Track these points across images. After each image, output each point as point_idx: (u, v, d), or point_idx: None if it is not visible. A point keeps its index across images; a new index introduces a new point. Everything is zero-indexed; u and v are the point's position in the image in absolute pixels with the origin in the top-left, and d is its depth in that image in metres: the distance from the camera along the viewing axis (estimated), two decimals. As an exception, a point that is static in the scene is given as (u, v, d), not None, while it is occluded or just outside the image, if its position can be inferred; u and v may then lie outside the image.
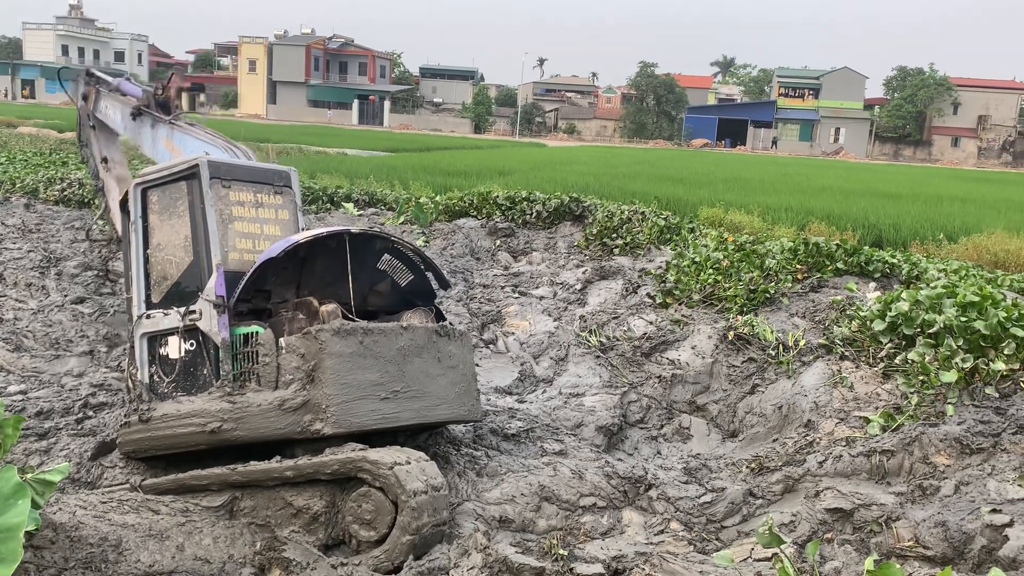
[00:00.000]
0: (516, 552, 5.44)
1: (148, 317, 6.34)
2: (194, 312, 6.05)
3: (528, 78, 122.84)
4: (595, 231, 14.76)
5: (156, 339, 6.34)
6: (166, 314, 6.25)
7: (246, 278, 6.05)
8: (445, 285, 7.16)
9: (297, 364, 5.69)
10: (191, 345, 6.13)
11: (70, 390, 7.93)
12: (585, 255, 14.33)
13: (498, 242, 15.57)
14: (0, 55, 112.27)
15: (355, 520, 5.42)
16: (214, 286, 5.95)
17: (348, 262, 6.51)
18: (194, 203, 6.25)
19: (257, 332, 5.91)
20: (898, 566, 4.24)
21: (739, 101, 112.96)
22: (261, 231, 6.62)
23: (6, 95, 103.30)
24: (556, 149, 62.07)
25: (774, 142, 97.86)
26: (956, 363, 7.20)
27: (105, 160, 9.94)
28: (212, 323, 5.94)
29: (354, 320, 6.12)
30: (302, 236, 6.23)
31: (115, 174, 9.99)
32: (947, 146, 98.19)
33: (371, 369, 5.80)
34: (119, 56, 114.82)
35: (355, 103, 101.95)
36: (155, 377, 6.31)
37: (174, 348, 6.22)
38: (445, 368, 6.32)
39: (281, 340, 5.82)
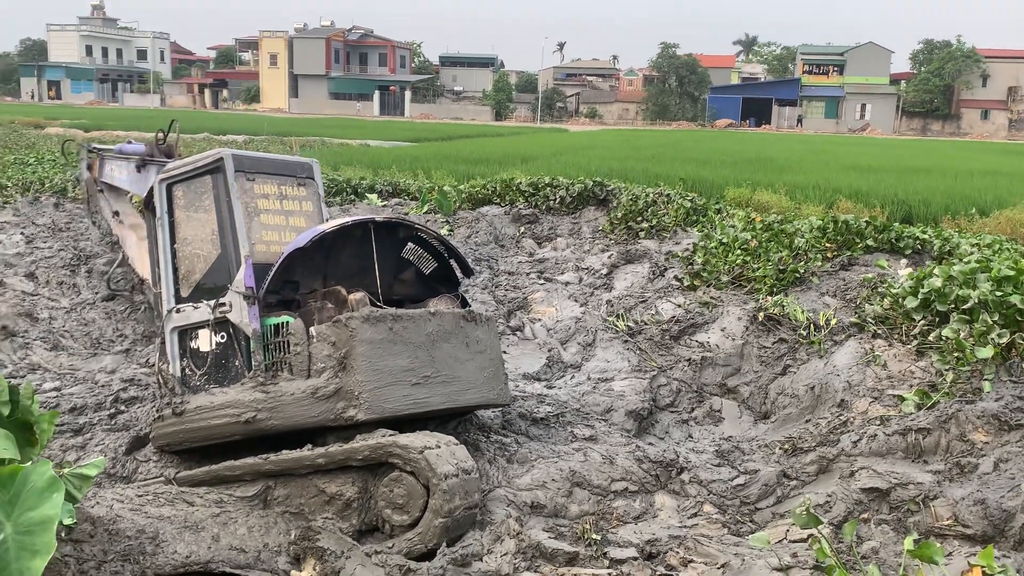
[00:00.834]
0: (549, 537, 5.44)
1: (178, 311, 6.39)
2: (224, 304, 6.09)
3: (548, 63, 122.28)
4: (620, 215, 14.68)
5: (187, 333, 6.39)
6: (196, 307, 6.29)
7: (274, 269, 6.08)
8: (468, 273, 7.16)
9: (328, 352, 5.73)
10: (221, 337, 6.17)
11: (102, 386, 8.03)
12: (610, 239, 14.26)
13: (522, 229, 15.53)
14: (26, 57, 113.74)
15: (388, 505, 5.45)
16: (243, 278, 6.00)
17: (374, 251, 6.53)
18: (219, 196, 6.28)
19: (288, 322, 5.95)
20: (938, 545, 4.17)
21: (763, 80, 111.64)
22: (286, 223, 6.65)
23: (32, 96, 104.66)
24: (578, 134, 61.80)
25: (799, 120, 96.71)
26: (992, 338, 7.07)
27: (116, 214, 10.20)
28: (243, 314, 5.98)
29: (383, 307, 6.13)
30: (328, 226, 6.25)
31: (128, 223, 10.25)
32: (976, 119, 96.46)
33: (401, 355, 5.83)
34: (141, 54, 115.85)
35: (376, 94, 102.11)
36: (186, 370, 6.36)
37: (205, 341, 6.27)
38: (473, 353, 6.34)
39: (312, 329, 5.86)
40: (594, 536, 5.53)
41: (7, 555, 2.92)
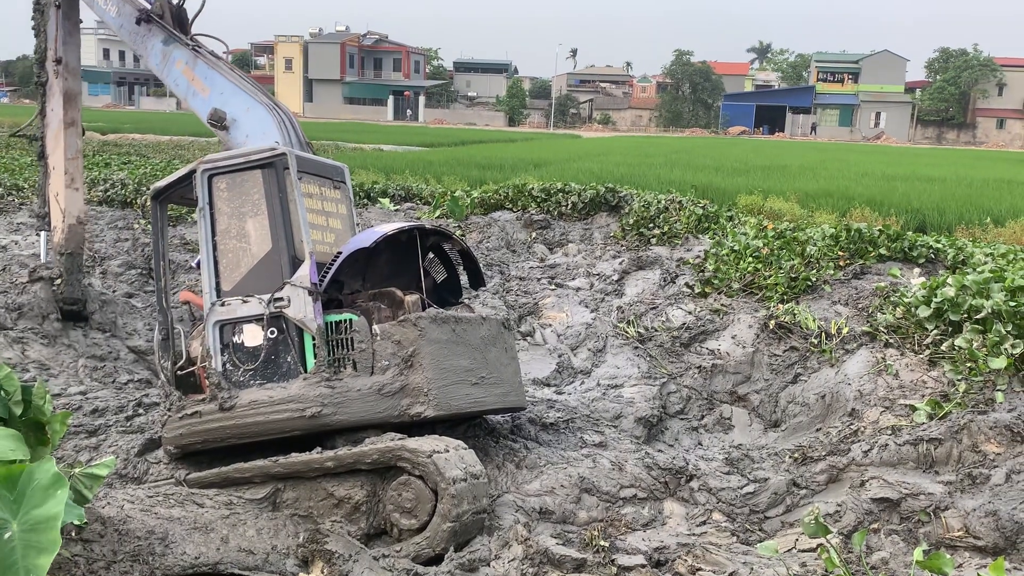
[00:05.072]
0: (557, 544, 5.43)
1: (223, 304, 6.18)
2: (282, 299, 6.00)
3: (562, 69, 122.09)
4: (632, 221, 14.66)
5: (228, 327, 6.19)
6: (245, 301, 6.12)
7: (333, 267, 6.11)
8: (479, 284, 7.26)
9: (393, 350, 5.84)
10: (272, 332, 6.06)
11: (127, 391, 8.08)
12: (622, 245, 14.24)
13: (534, 234, 15.54)
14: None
15: (396, 509, 5.47)
16: (308, 273, 5.94)
17: (419, 256, 6.71)
18: (272, 192, 6.13)
19: (351, 319, 5.97)
20: (948, 556, 4.15)
21: (776, 87, 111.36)
22: (326, 223, 6.64)
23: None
24: (591, 140, 61.81)
25: (813, 128, 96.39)
26: (1005, 349, 7.03)
27: (59, 61, 8.98)
28: (306, 310, 5.92)
29: (440, 309, 6.27)
30: (389, 228, 6.38)
31: (66, 86, 9.03)
32: (992, 128, 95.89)
33: (462, 356, 6.04)
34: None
35: (390, 99, 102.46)
36: (228, 365, 6.16)
37: (251, 336, 6.12)
38: (510, 358, 6.61)
39: (375, 327, 5.92)
40: (602, 543, 5.52)
41: (13, 553, 2.94)
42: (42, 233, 9.56)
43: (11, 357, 8.58)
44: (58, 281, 9.29)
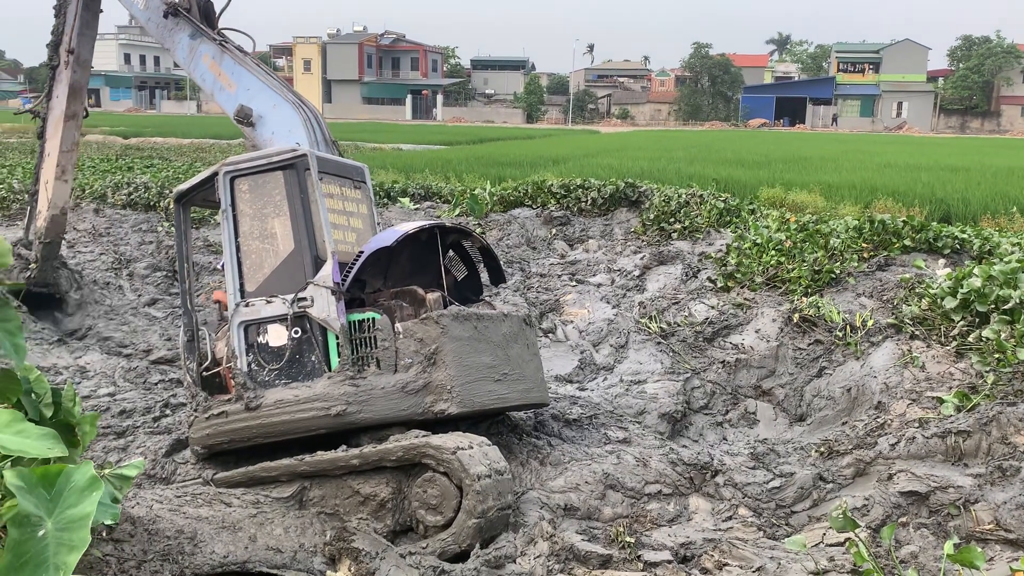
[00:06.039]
0: (582, 540, 5.44)
1: (247, 305, 6.23)
2: (305, 299, 6.06)
3: (579, 65, 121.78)
4: (652, 216, 14.62)
5: (252, 327, 6.24)
6: (269, 302, 6.17)
7: (356, 266, 6.15)
8: (500, 280, 7.30)
9: (415, 348, 5.91)
10: (296, 332, 6.12)
11: (153, 391, 8.17)
12: (642, 241, 14.20)
13: (554, 231, 15.53)
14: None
15: (421, 505, 5.50)
16: (331, 273, 6.00)
17: (440, 254, 6.77)
18: (293, 193, 6.19)
19: (374, 318, 6.03)
20: (979, 549, 4.10)
21: (796, 79, 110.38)
22: (347, 223, 6.68)
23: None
24: (610, 135, 61.62)
25: (834, 119, 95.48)
26: (1034, 339, 6.94)
27: (71, 52, 8.97)
28: (330, 309, 5.98)
29: (461, 307, 6.32)
30: (410, 226, 6.43)
31: (74, 78, 9.07)
32: (1017, 116, 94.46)
33: (485, 353, 6.10)
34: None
35: (408, 98, 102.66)
36: (253, 365, 6.21)
37: (276, 336, 6.19)
38: (532, 354, 6.66)
39: (398, 325, 5.98)
40: (628, 539, 5.51)
41: (46, 551, 3.02)
42: (29, 209, 9.83)
43: (56, 363, 8.73)
44: (33, 266, 9.50)
